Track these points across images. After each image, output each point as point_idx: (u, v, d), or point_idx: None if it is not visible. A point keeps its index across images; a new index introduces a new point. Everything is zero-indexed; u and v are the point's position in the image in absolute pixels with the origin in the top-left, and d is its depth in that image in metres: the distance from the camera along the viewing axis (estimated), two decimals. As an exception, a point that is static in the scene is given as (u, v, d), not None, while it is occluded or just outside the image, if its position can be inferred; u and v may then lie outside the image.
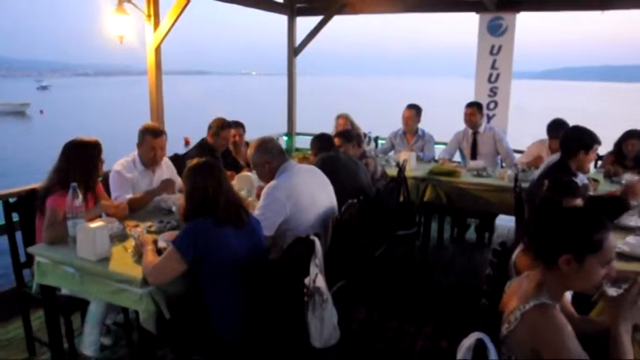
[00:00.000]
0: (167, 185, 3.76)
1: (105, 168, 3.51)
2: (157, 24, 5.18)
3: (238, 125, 5.34)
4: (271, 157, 3.31)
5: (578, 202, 2.51)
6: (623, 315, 1.72)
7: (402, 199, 4.78)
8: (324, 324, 2.77)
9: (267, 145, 3.36)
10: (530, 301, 1.73)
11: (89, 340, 3.20)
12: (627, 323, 1.73)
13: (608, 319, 1.76)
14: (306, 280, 2.75)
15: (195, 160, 2.70)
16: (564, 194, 2.46)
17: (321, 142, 4.27)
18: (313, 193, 3.28)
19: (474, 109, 5.84)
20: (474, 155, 5.84)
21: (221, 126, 4.85)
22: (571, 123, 4.79)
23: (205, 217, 2.52)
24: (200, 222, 2.52)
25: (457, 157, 6.23)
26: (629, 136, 5.25)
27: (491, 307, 1.96)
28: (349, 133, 4.82)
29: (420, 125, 6.29)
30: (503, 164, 5.85)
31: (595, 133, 3.70)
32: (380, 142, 7.15)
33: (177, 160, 4.36)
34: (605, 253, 1.73)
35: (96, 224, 2.73)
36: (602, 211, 3.33)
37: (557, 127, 5.10)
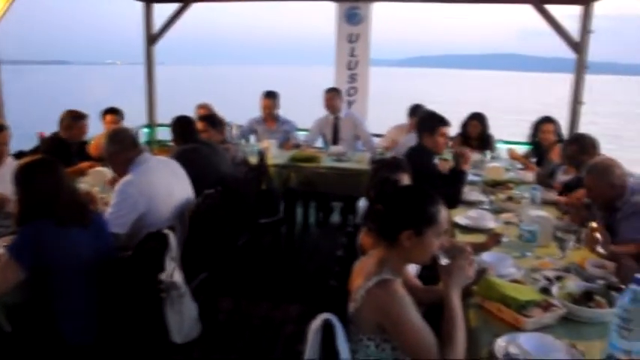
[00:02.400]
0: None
1: None
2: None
3: (115, 112, 5.06)
4: (123, 149, 3.15)
5: (405, 177, 2.68)
6: (453, 280, 1.86)
7: (264, 187, 4.78)
8: (183, 318, 2.71)
9: (119, 136, 3.21)
10: (373, 278, 1.80)
11: None
12: (456, 288, 1.87)
13: (442, 286, 1.89)
14: (163, 276, 2.67)
15: (27, 159, 2.50)
16: (393, 170, 2.62)
17: (182, 125, 4.13)
18: (169, 187, 3.19)
19: (333, 93, 6.00)
20: (335, 140, 5.99)
21: (74, 118, 4.55)
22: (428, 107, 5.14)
23: (45, 219, 2.34)
24: (39, 225, 2.33)
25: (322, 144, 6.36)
26: (471, 118, 5.74)
27: (341, 288, 2.02)
28: (214, 117, 4.72)
29: (287, 113, 6.34)
30: (363, 148, 6.06)
31: (441, 116, 3.95)
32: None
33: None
34: (439, 225, 1.86)
35: None
36: (446, 184, 3.61)
37: (414, 111, 5.59)
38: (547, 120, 5.19)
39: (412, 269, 2.33)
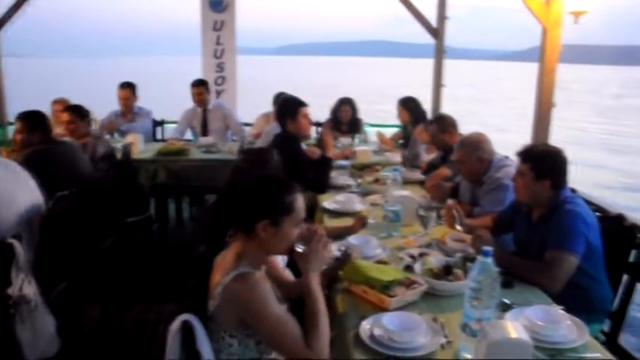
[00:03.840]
0: None
1: None
2: None
3: None
4: None
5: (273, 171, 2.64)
6: (310, 266, 1.83)
7: (131, 184, 4.52)
8: (37, 334, 2.49)
9: None
10: (230, 273, 1.73)
11: None
12: (314, 273, 1.84)
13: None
14: (10, 290, 2.42)
15: None
16: (259, 166, 2.56)
17: (32, 119, 3.75)
18: (10, 191, 2.86)
19: (200, 88, 5.83)
20: (204, 132, 5.84)
21: None
22: (301, 95, 5.12)
23: None
24: None
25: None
26: (342, 103, 5.85)
27: (202, 286, 1.93)
28: (81, 109, 4.36)
29: (152, 104, 6.07)
30: (234, 138, 5.96)
31: (298, 99, 3.96)
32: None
33: None
34: (297, 214, 1.81)
35: None
36: (316, 171, 3.61)
37: (277, 98, 5.55)
38: (398, 102, 5.43)
39: (280, 260, 2.29)
